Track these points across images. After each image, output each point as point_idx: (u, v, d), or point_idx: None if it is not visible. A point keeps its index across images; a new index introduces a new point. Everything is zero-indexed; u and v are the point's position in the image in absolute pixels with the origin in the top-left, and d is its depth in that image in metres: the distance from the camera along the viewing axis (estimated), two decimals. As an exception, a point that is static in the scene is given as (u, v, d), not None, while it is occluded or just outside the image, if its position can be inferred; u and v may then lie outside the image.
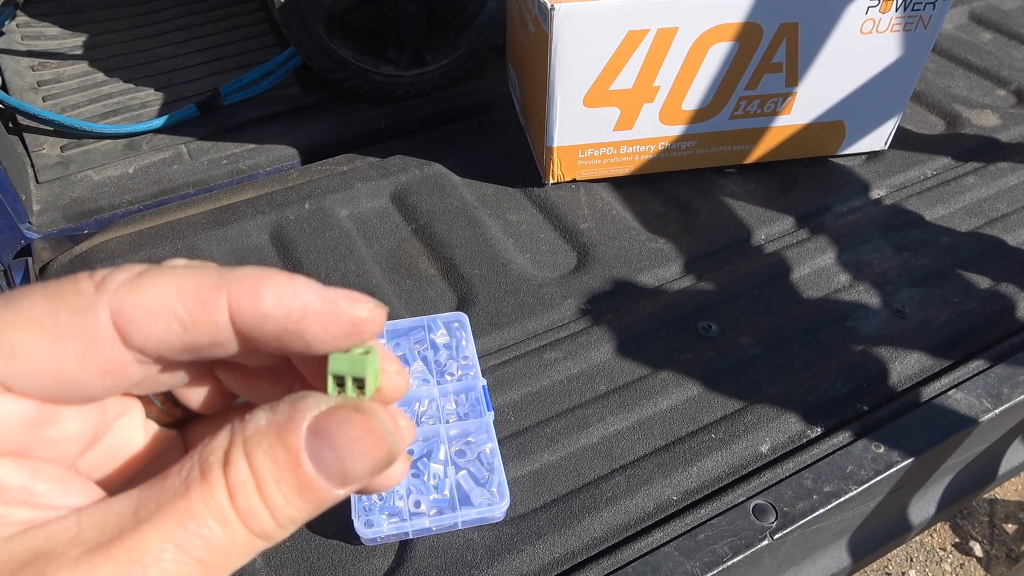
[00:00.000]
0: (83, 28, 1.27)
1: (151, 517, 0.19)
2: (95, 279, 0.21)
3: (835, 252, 0.88)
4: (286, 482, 0.20)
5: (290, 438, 0.20)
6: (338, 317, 0.22)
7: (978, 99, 1.11)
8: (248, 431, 0.20)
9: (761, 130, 0.94)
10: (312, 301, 0.21)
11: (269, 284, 0.21)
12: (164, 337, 0.21)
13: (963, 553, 1.39)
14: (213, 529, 0.19)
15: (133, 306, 0.20)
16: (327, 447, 0.20)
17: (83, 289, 0.20)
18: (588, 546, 0.63)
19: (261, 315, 0.21)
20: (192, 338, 0.21)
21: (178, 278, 0.21)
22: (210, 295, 0.21)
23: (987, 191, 0.96)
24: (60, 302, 0.20)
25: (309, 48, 1.03)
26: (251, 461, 0.20)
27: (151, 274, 0.21)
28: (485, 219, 0.92)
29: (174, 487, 0.19)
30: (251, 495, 0.19)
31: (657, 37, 0.83)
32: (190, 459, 0.20)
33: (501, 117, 1.07)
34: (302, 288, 0.21)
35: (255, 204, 0.93)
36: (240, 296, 0.21)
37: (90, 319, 0.20)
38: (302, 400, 0.21)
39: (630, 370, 0.75)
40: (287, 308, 0.21)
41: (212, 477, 0.19)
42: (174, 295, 0.21)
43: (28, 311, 0.20)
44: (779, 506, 0.64)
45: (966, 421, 0.71)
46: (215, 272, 0.21)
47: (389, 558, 0.62)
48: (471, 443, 0.66)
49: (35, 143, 1.05)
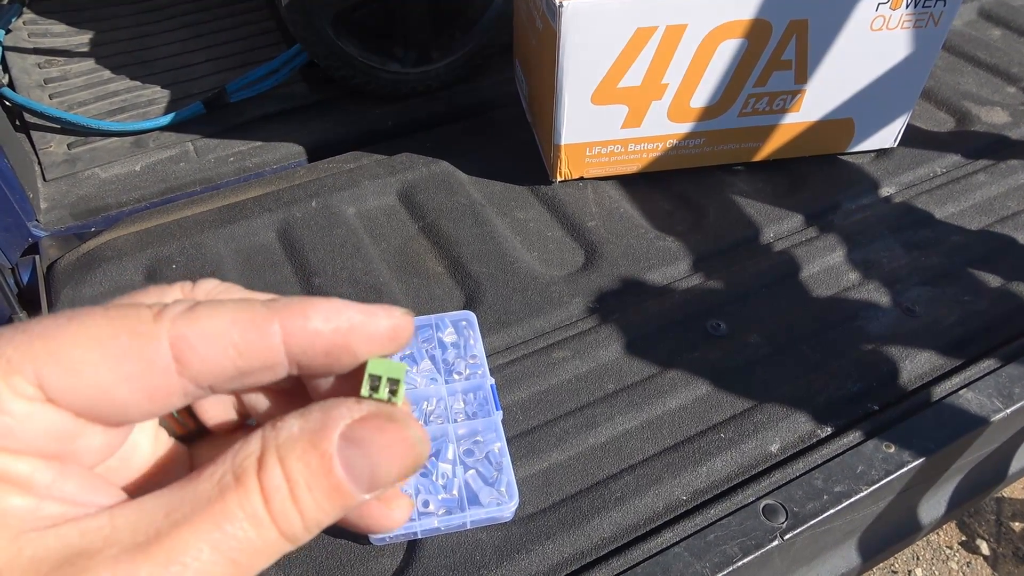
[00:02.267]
0: (89, 26, 1.27)
1: (187, 519, 0.20)
2: (153, 310, 0.22)
3: (844, 250, 0.87)
4: (318, 487, 0.21)
5: (323, 444, 0.21)
6: (379, 326, 0.24)
7: (988, 96, 1.10)
8: (281, 437, 0.21)
9: (770, 128, 0.94)
10: (355, 316, 0.23)
11: (314, 306, 0.23)
12: (219, 363, 0.22)
13: (970, 551, 1.38)
14: (248, 531, 0.20)
15: (192, 334, 0.22)
16: (359, 454, 0.21)
17: (143, 316, 0.22)
18: (597, 546, 0.63)
19: (313, 334, 0.23)
20: (246, 363, 0.22)
21: (232, 308, 0.22)
22: (263, 321, 0.22)
23: (997, 189, 0.96)
24: (122, 325, 0.21)
25: (315, 45, 1.02)
26: (285, 466, 0.21)
27: (207, 306, 0.22)
28: (492, 217, 0.91)
29: (208, 490, 0.20)
30: (284, 498, 0.20)
31: (666, 34, 0.82)
32: (222, 464, 0.21)
33: (508, 115, 1.06)
34: (343, 306, 0.23)
35: (262, 202, 0.93)
36: (291, 320, 0.22)
37: (151, 344, 0.21)
38: (335, 407, 0.22)
39: (639, 369, 0.75)
40: (335, 324, 0.23)
41: (247, 481, 0.20)
42: (229, 323, 0.22)
43: (91, 330, 0.21)
44: (789, 506, 0.64)
45: (977, 421, 0.70)
46: (262, 303, 0.23)
47: (397, 558, 0.62)
48: (479, 442, 0.66)
49: (42, 141, 1.05)
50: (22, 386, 0.20)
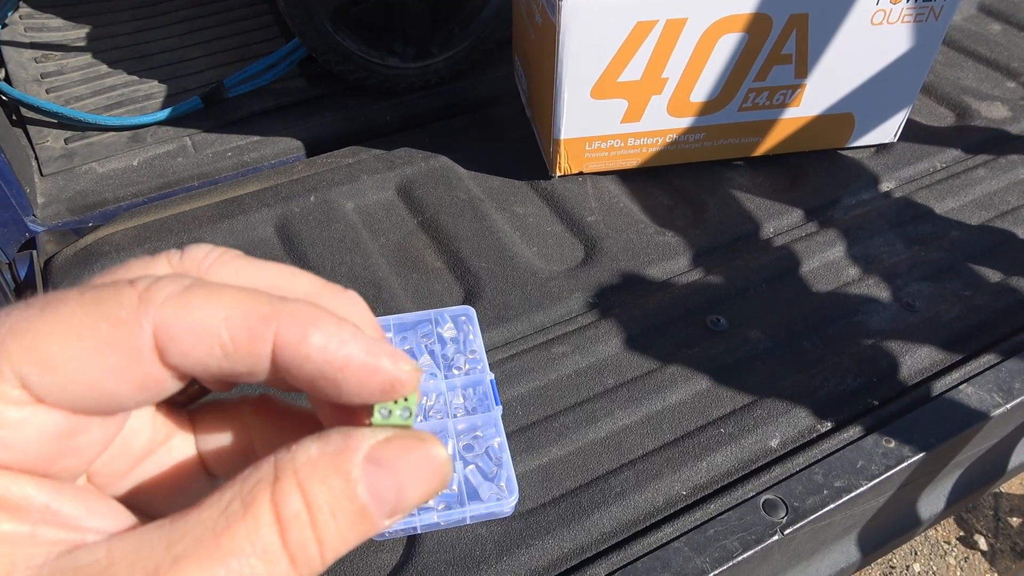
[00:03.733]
0: (86, 20, 1.26)
1: (188, 554, 0.18)
2: (138, 288, 0.20)
3: (844, 245, 0.87)
4: (342, 511, 0.19)
5: (346, 466, 0.19)
6: (378, 374, 0.21)
7: (988, 91, 1.10)
8: (299, 461, 0.19)
9: (770, 122, 0.94)
10: (356, 354, 0.21)
11: (319, 326, 0.21)
12: (202, 360, 0.20)
13: (968, 547, 1.39)
14: (256, 568, 0.18)
15: (178, 325, 0.20)
16: (385, 475, 0.20)
17: (125, 300, 0.20)
18: (597, 541, 0.63)
19: (304, 356, 0.20)
20: (231, 365, 0.20)
21: (228, 301, 0.20)
22: (258, 325, 0.20)
23: (997, 184, 0.96)
24: (100, 313, 0.19)
25: (314, 40, 1.02)
26: (305, 491, 0.19)
27: (200, 291, 0.20)
28: (491, 212, 0.91)
29: (213, 521, 0.18)
30: (304, 526, 0.19)
31: (666, 28, 0.82)
32: (228, 490, 0.19)
33: (507, 110, 1.06)
34: (349, 338, 0.21)
35: (260, 197, 0.92)
36: (288, 332, 0.20)
37: (133, 333, 0.19)
38: (355, 432, 0.20)
39: (638, 364, 0.75)
40: (331, 356, 0.21)
41: (258, 511, 0.18)
42: (222, 319, 0.20)
43: (67, 320, 0.19)
44: (789, 501, 0.64)
45: (977, 416, 0.70)
46: (267, 300, 0.21)
47: (397, 553, 0.62)
48: (479, 437, 0.66)
49: (39, 135, 1.05)
50: (7, 391, 0.19)
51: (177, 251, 0.23)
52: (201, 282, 0.21)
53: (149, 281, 0.20)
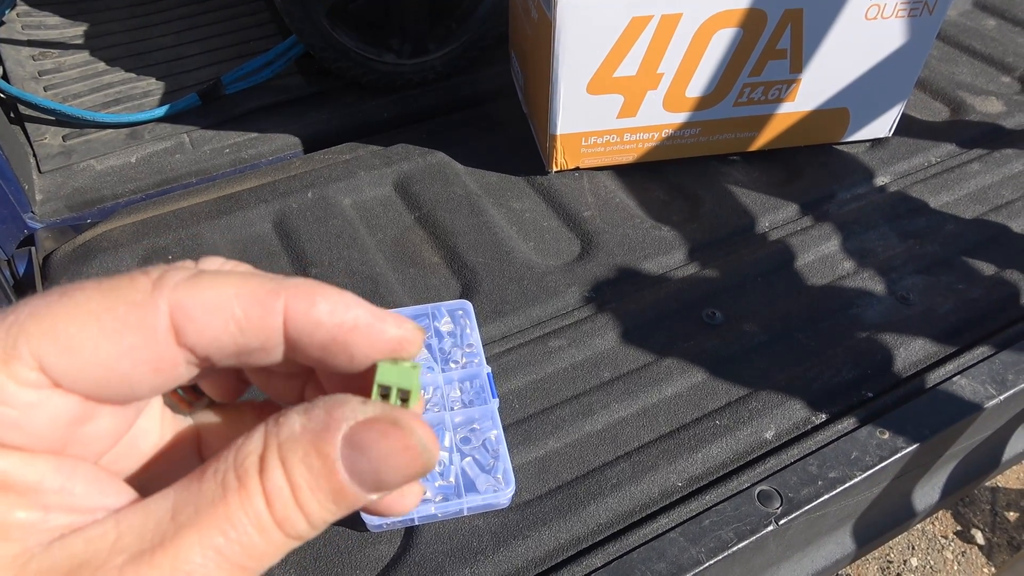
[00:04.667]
0: (84, 17, 1.27)
1: (191, 523, 0.19)
2: (152, 276, 0.21)
3: (839, 240, 0.88)
4: (321, 489, 0.20)
5: (325, 447, 0.20)
6: (384, 333, 0.22)
7: (982, 86, 1.10)
8: (283, 435, 0.20)
9: (765, 117, 0.94)
10: (362, 316, 0.22)
11: (323, 295, 0.22)
12: (218, 337, 0.21)
13: (965, 541, 1.39)
14: (252, 536, 0.19)
15: (192, 303, 0.21)
16: (363, 458, 0.20)
17: (140, 285, 0.21)
18: (593, 532, 0.63)
19: (314, 323, 0.22)
20: (245, 340, 0.21)
21: (237, 280, 0.21)
22: (267, 298, 0.21)
23: (992, 178, 0.96)
24: (117, 297, 0.20)
25: (311, 37, 1.02)
26: (287, 468, 0.20)
27: (209, 274, 0.21)
28: (488, 207, 0.91)
29: (211, 491, 0.20)
30: (287, 502, 0.20)
31: (661, 23, 0.82)
32: (224, 460, 0.20)
33: (504, 106, 1.06)
34: (353, 302, 0.22)
35: (258, 193, 0.93)
36: (296, 302, 0.21)
37: (149, 314, 0.20)
38: (339, 407, 0.21)
39: (634, 357, 0.75)
40: (340, 318, 0.22)
41: (249, 484, 0.20)
42: (232, 296, 0.21)
43: (84, 304, 0.20)
44: (784, 492, 0.64)
45: (971, 407, 0.71)
46: (270, 277, 0.22)
47: (395, 544, 0.62)
48: (476, 430, 0.66)
49: (37, 133, 1.05)
50: (24, 372, 0.19)
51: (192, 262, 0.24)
52: (210, 269, 0.22)
53: (161, 270, 0.21)
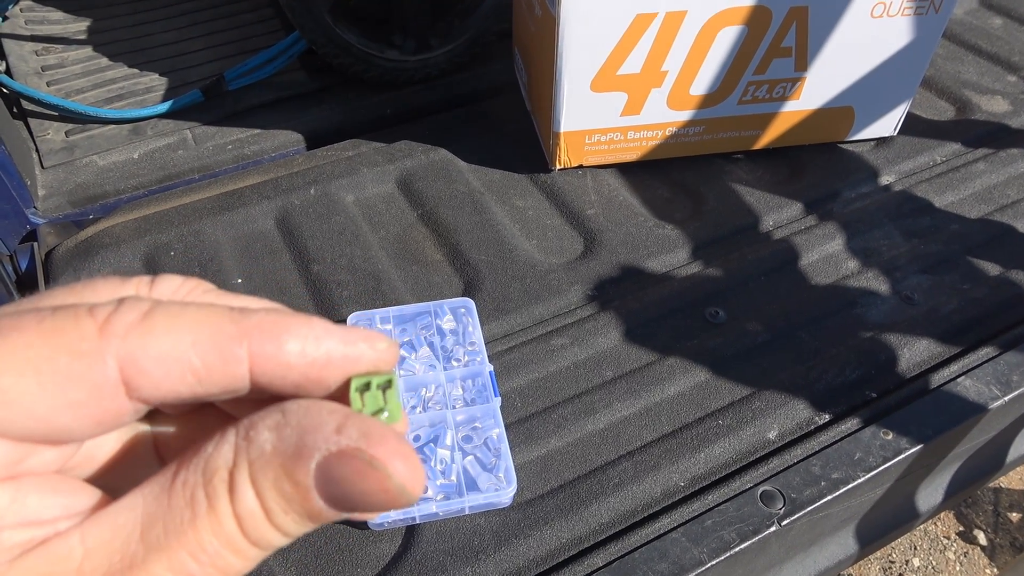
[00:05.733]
0: (87, 13, 1.26)
1: (161, 546, 0.18)
2: (98, 318, 0.19)
3: (844, 238, 0.87)
4: (295, 511, 0.19)
5: (298, 474, 0.19)
6: (359, 360, 0.21)
7: (988, 85, 1.10)
8: (253, 454, 0.19)
9: (770, 115, 0.93)
10: (334, 347, 0.21)
11: (291, 332, 0.20)
12: (175, 389, 0.19)
13: (967, 542, 1.39)
14: (226, 558, 0.19)
15: (144, 356, 0.19)
16: (339, 490, 0.19)
17: (86, 331, 0.18)
18: (595, 531, 0.63)
19: (284, 366, 0.20)
20: (204, 389, 0.20)
21: (192, 325, 0.19)
22: (229, 346, 0.19)
23: (997, 177, 0.96)
24: (60, 344, 0.18)
25: (313, 33, 1.02)
26: (258, 491, 0.19)
27: (161, 317, 0.19)
28: (491, 205, 0.91)
29: (180, 510, 0.18)
30: (260, 523, 0.19)
31: (665, 21, 0.82)
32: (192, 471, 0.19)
33: (507, 103, 1.06)
34: (323, 333, 0.21)
35: (260, 189, 0.92)
36: (262, 347, 0.20)
37: (95, 368, 0.18)
38: (311, 431, 0.19)
39: (637, 356, 0.75)
40: (311, 357, 0.20)
41: (219, 506, 0.18)
42: (189, 344, 0.19)
43: (23, 352, 0.18)
44: (787, 492, 0.64)
45: (975, 408, 0.70)
46: (229, 317, 0.20)
47: (396, 542, 0.62)
48: (478, 428, 0.66)
49: (40, 128, 1.05)
50: None
51: (148, 278, 0.22)
52: (161, 305, 0.20)
53: (109, 309, 0.19)
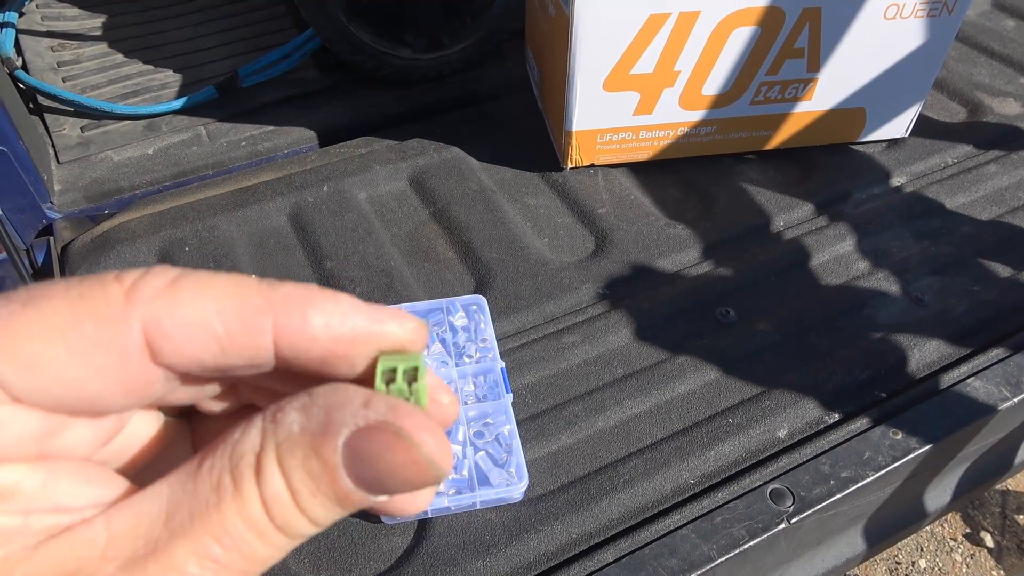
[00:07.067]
0: (102, 9, 1.27)
1: (185, 530, 0.18)
2: (124, 283, 0.19)
3: (854, 240, 0.87)
4: (323, 493, 0.19)
5: (325, 451, 0.18)
6: (386, 338, 0.21)
7: (1001, 87, 1.10)
8: (280, 436, 0.19)
9: (781, 116, 0.94)
10: (360, 324, 0.20)
11: (316, 307, 0.20)
12: (198, 356, 0.19)
13: (974, 544, 1.39)
14: (251, 544, 0.18)
15: (170, 322, 0.19)
16: (366, 467, 0.19)
17: (112, 296, 0.19)
18: (605, 527, 0.63)
19: (309, 339, 0.20)
20: (228, 359, 0.20)
21: (219, 294, 0.19)
22: (254, 317, 0.19)
23: (1009, 179, 0.96)
24: (87, 310, 0.18)
25: (327, 30, 1.03)
26: (285, 472, 0.18)
27: (188, 284, 0.19)
28: (503, 203, 0.92)
29: (206, 494, 0.18)
30: (287, 507, 0.18)
31: (679, 21, 0.82)
32: (220, 456, 0.19)
33: (519, 101, 1.07)
34: (349, 310, 0.20)
35: (274, 186, 0.93)
36: (287, 320, 0.19)
37: (120, 332, 0.18)
38: (338, 407, 0.19)
39: (648, 354, 0.75)
40: (336, 332, 0.20)
41: (245, 489, 0.18)
42: (214, 313, 0.19)
43: (51, 318, 0.18)
44: (796, 491, 0.64)
45: (984, 409, 0.71)
46: (256, 289, 0.20)
47: (408, 536, 0.63)
48: (489, 424, 0.67)
49: (56, 123, 1.06)
50: None
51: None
52: (190, 274, 0.20)
53: (136, 275, 0.19)
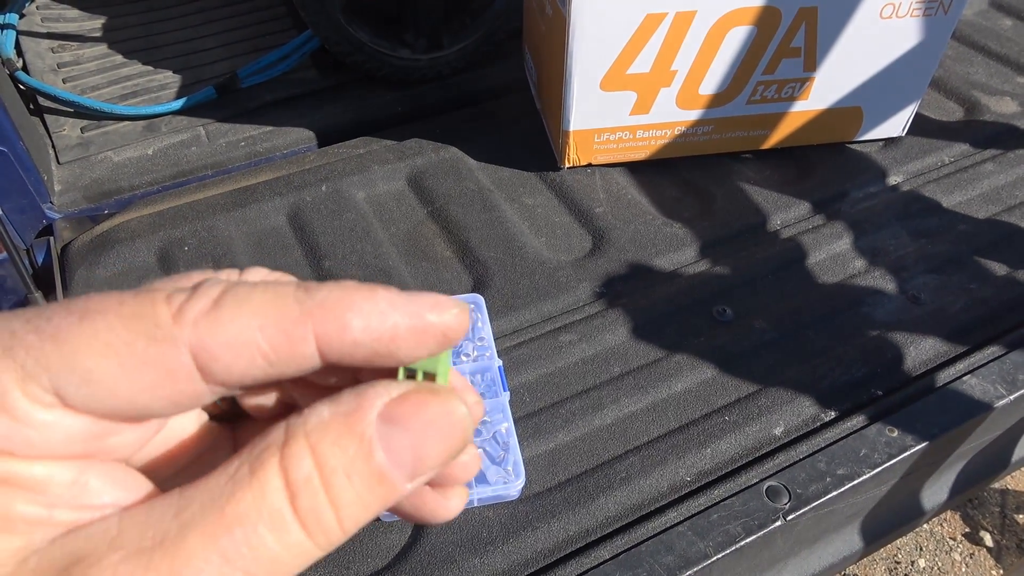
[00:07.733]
0: (102, 10, 1.28)
1: (194, 522, 0.18)
2: (172, 306, 0.19)
3: (851, 238, 0.88)
4: (358, 474, 0.18)
5: (360, 426, 0.19)
6: (428, 331, 0.21)
7: (997, 86, 1.10)
8: (310, 424, 0.19)
9: (778, 115, 0.94)
10: (400, 320, 0.20)
11: (354, 309, 0.20)
12: (247, 372, 0.20)
13: (973, 543, 1.39)
14: (264, 537, 0.17)
15: (215, 343, 0.19)
16: (401, 433, 0.19)
17: (161, 318, 0.19)
18: (602, 525, 0.64)
19: (350, 343, 0.20)
20: (276, 371, 0.20)
21: (258, 308, 0.20)
22: (294, 329, 0.20)
23: (1005, 178, 0.96)
24: (138, 329, 0.19)
25: (326, 31, 1.03)
26: (317, 454, 0.18)
27: (229, 302, 0.20)
28: (501, 202, 0.92)
29: (219, 487, 0.18)
30: (317, 491, 0.18)
31: (675, 20, 0.82)
32: (239, 456, 0.19)
33: (517, 101, 1.07)
34: (387, 308, 0.20)
35: (272, 186, 0.94)
36: (326, 327, 0.20)
37: (170, 353, 0.19)
38: (369, 388, 0.20)
39: (645, 353, 0.76)
40: (377, 333, 0.20)
41: (265, 475, 0.18)
42: (256, 329, 0.19)
43: (104, 335, 0.19)
44: (792, 488, 0.64)
45: (980, 407, 0.71)
46: (293, 298, 0.20)
47: (405, 534, 0.63)
48: (487, 422, 0.67)
49: (56, 124, 1.06)
50: (39, 394, 0.18)
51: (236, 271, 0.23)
52: (231, 291, 0.20)
53: (183, 297, 0.20)
